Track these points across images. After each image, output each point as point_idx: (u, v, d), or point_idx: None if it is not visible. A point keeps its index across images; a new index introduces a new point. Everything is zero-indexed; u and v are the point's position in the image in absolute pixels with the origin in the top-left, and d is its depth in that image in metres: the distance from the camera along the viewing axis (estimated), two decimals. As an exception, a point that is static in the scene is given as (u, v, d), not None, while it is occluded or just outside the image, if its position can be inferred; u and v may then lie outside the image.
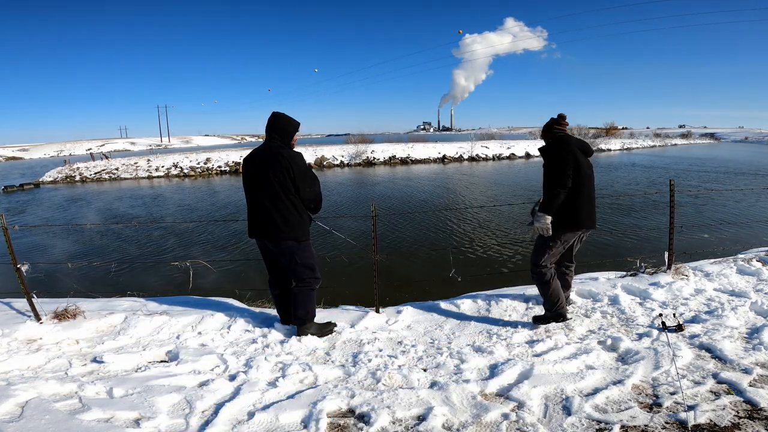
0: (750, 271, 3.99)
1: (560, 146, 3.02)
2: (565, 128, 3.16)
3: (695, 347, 2.71)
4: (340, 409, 2.19)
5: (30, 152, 72.89)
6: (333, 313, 3.54)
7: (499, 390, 2.34)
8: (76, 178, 25.35)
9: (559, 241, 3.07)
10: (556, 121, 3.17)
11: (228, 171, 26.16)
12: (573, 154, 2.98)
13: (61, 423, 2.01)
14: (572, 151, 2.99)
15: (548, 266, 3.11)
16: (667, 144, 50.53)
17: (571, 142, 3.07)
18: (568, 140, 3.07)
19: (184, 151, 37.72)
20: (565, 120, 3.15)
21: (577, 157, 2.99)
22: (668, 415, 2.05)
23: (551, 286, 3.11)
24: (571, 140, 3.08)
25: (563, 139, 3.07)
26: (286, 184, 2.85)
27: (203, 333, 3.15)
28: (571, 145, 3.03)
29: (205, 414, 2.16)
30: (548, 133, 3.18)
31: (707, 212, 10.94)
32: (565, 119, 3.15)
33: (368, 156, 29.87)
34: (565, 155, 2.96)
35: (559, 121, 3.15)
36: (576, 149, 3.02)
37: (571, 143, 3.05)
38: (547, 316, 3.19)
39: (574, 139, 3.13)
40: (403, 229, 9.89)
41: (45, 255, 8.85)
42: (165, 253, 8.71)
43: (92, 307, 3.54)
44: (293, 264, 3.00)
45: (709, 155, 33.11)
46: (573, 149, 3.01)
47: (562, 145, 3.03)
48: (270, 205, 2.88)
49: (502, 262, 7.45)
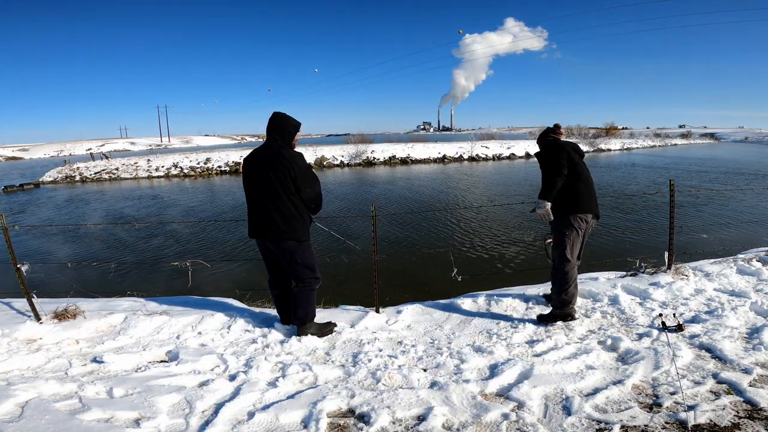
0: (750, 271, 3.99)
1: (553, 146, 3.22)
2: (559, 137, 3.33)
3: (695, 347, 2.71)
4: (340, 409, 2.19)
5: (30, 152, 72.88)
6: (333, 313, 3.54)
7: (499, 390, 2.34)
8: (76, 178, 25.35)
9: (572, 228, 3.09)
10: (551, 130, 3.36)
11: (228, 171, 26.16)
12: (565, 150, 3.15)
13: (61, 423, 2.01)
14: (564, 147, 3.17)
15: (573, 264, 3.13)
16: (667, 144, 50.54)
17: (563, 143, 3.26)
18: (560, 142, 3.27)
19: (184, 151, 37.72)
20: (560, 129, 3.34)
21: (570, 153, 3.15)
22: (668, 415, 2.05)
23: (570, 287, 3.12)
24: (563, 142, 3.27)
25: (556, 142, 3.28)
26: (287, 185, 2.85)
27: (203, 333, 3.15)
28: (563, 144, 3.23)
29: (205, 414, 2.16)
30: (542, 140, 3.38)
31: (707, 212, 10.95)
32: (560, 128, 3.34)
33: (368, 156, 29.87)
34: (558, 151, 3.14)
35: (554, 130, 3.34)
36: (568, 148, 3.19)
37: (563, 143, 3.24)
38: (554, 314, 3.18)
39: (567, 141, 3.32)
40: (404, 229, 9.89)
41: (45, 255, 8.85)
42: (165, 253, 8.71)
43: (92, 307, 3.54)
44: (294, 264, 3.00)
45: (709, 155, 33.12)
46: (565, 147, 3.18)
47: (555, 145, 3.23)
48: (271, 206, 2.88)
49: (502, 262, 7.45)
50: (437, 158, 30.78)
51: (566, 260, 3.10)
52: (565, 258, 3.10)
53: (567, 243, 3.10)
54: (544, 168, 3.16)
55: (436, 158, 30.77)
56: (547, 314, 3.24)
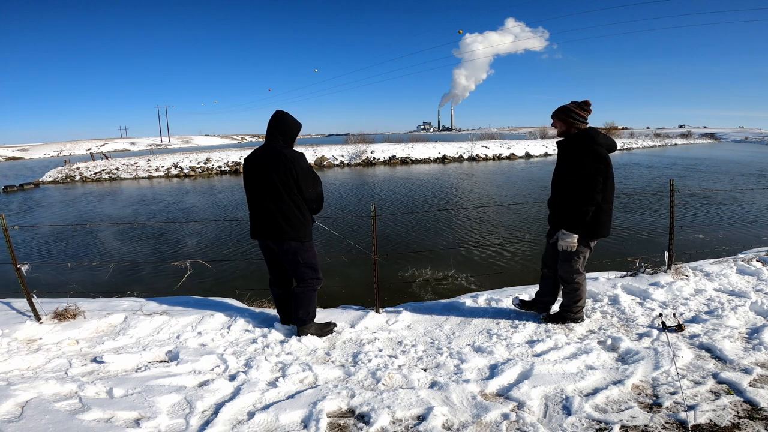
0: (750, 271, 3.99)
1: (589, 147, 2.58)
2: (587, 117, 2.67)
3: (695, 347, 2.71)
4: (340, 409, 2.19)
5: (30, 152, 72.89)
6: (333, 313, 3.54)
7: (499, 390, 2.34)
8: (76, 178, 25.35)
9: (589, 249, 2.93)
10: (579, 105, 2.66)
11: (228, 171, 26.15)
12: (603, 161, 2.56)
13: (61, 423, 2.01)
14: (603, 158, 2.58)
15: (583, 276, 3.00)
16: (667, 144, 50.51)
17: (599, 140, 2.62)
18: (595, 137, 2.62)
19: (184, 151, 37.72)
20: (589, 107, 2.68)
21: (608, 166, 2.60)
22: (668, 415, 2.05)
23: (583, 296, 3.06)
24: (598, 137, 2.63)
25: (590, 137, 2.62)
26: (290, 185, 2.84)
27: (203, 333, 3.15)
28: (601, 146, 2.60)
29: (205, 414, 2.16)
30: (567, 119, 2.64)
31: (707, 212, 10.94)
32: (589, 106, 2.67)
33: (368, 156, 29.86)
34: (597, 163, 2.55)
35: (583, 107, 2.66)
36: (607, 156, 2.61)
37: (599, 142, 2.61)
38: (566, 317, 3.11)
39: (601, 135, 2.68)
40: (404, 229, 9.89)
41: (45, 255, 8.85)
42: (165, 253, 8.71)
43: (92, 307, 3.54)
44: (296, 264, 3.00)
45: (709, 155, 33.10)
46: (604, 156, 2.59)
47: (591, 145, 2.59)
48: (273, 206, 2.88)
49: (502, 262, 7.45)
50: (437, 158, 30.77)
51: (579, 273, 2.99)
52: (578, 271, 2.98)
53: (582, 259, 2.95)
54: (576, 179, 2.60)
55: (436, 158, 30.76)
56: (557, 315, 3.17)
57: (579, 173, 2.62)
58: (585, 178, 2.60)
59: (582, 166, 2.62)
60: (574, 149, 2.69)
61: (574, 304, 3.09)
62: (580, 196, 2.63)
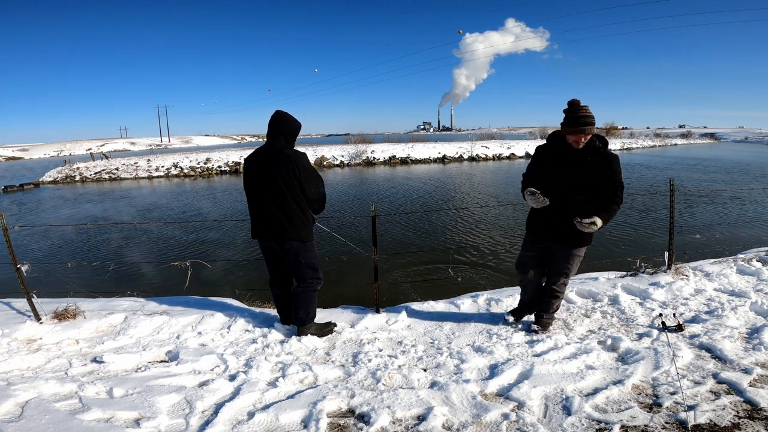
0: (750, 271, 3.99)
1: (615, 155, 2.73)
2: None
3: (695, 347, 2.72)
4: (340, 409, 2.19)
5: (30, 152, 72.87)
6: (333, 313, 3.54)
7: (499, 390, 2.34)
8: (76, 178, 25.34)
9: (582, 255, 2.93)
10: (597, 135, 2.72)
11: (228, 171, 26.15)
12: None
13: (61, 423, 2.01)
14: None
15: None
16: (667, 144, 50.50)
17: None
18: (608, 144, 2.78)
19: (184, 151, 37.71)
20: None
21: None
22: (668, 415, 2.05)
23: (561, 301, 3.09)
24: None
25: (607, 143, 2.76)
26: (292, 185, 2.83)
27: (203, 333, 3.15)
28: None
29: (205, 414, 2.16)
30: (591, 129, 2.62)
31: (707, 212, 10.94)
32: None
33: (368, 156, 29.86)
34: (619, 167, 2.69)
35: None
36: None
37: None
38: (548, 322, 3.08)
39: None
40: (404, 229, 9.89)
41: (45, 255, 8.85)
42: (165, 253, 8.71)
43: (92, 307, 3.54)
44: (297, 264, 3.00)
45: (709, 155, 33.10)
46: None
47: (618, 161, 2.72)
48: (274, 206, 2.87)
49: (502, 262, 7.45)
50: (437, 158, 30.77)
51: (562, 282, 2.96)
52: (566, 281, 2.96)
53: (576, 268, 2.93)
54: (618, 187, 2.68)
55: (436, 158, 30.75)
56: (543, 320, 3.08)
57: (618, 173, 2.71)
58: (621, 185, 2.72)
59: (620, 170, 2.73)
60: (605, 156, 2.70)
61: (556, 310, 3.09)
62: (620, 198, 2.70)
